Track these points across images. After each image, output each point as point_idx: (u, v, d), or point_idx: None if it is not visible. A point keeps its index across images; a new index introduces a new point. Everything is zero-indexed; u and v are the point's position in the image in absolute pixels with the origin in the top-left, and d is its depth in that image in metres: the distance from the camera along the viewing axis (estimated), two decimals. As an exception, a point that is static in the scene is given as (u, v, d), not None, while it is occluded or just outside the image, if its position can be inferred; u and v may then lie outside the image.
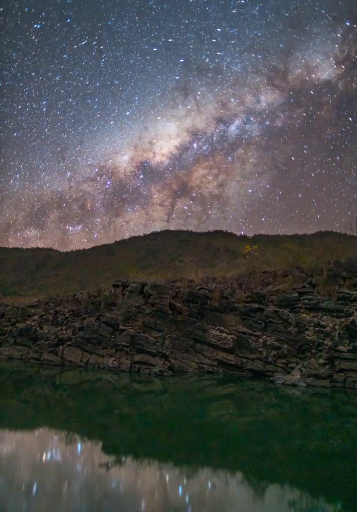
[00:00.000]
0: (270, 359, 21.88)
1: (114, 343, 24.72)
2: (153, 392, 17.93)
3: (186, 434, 10.83)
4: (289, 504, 6.53)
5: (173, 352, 23.48)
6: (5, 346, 28.83)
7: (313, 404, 15.71)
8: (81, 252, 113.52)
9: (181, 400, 16.39)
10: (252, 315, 24.21)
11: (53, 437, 10.69)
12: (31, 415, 13.47)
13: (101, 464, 8.25)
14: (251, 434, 11.00)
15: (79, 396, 17.03)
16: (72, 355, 24.91)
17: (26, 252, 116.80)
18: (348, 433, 11.39)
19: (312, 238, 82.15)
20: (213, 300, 25.78)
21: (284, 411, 14.40)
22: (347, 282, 24.64)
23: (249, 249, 33.05)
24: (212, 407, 14.96)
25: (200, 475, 7.94)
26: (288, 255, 32.75)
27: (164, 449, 9.64)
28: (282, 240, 74.11)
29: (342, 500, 6.64)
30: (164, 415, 13.58)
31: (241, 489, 7.25)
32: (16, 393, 17.29)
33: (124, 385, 19.73)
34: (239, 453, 9.29)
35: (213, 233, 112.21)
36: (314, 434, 11.18)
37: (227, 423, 12.55)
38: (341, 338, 19.86)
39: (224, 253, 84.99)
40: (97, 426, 11.74)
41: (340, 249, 29.73)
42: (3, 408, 14.02)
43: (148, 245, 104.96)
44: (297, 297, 24.20)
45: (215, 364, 22.86)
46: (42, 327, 29.04)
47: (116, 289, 29.76)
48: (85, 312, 29.12)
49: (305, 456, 8.91)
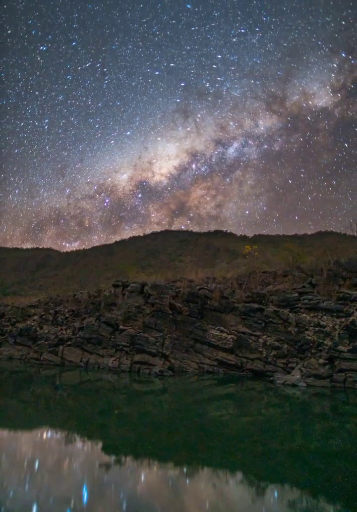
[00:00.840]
0: (270, 359, 21.88)
1: (114, 343, 24.72)
2: (153, 392, 17.93)
3: (186, 434, 10.83)
4: (289, 504, 6.53)
5: (173, 352, 23.48)
6: (5, 346, 28.84)
7: (313, 404, 15.71)
8: (81, 252, 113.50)
9: (180, 400, 16.39)
10: (252, 315, 24.22)
11: (53, 437, 10.68)
12: (31, 415, 13.47)
13: (101, 464, 8.25)
14: (251, 434, 11.00)
15: (79, 396, 17.03)
16: (72, 355, 24.92)
17: (26, 252, 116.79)
18: (348, 433, 11.38)
19: (312, 238, 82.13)
20: (213, 300, 25.78)
21: (284, 411, 14.41)
22: (347, 282, 24.65)
23: (249, 249, 33.07)
24: (212, 407, 14.95)
25: (200, 475, 7.93)
26: (288, 255, 32.83)
27: (164, 449, 9.64)
28: (282, 240, 74.18)
29: (342, 500, 6.64)
30: (164, 415, 13.58)
31: (241, 489, 7.25)
32: (16, 393, 17.28)
33: (124, 385, 19.73)
34: (239, 453, 9.29)
35: (213, 233, 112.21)
36: (314, 434, 11.17)
37: (227, 423, 12.54)
38: (341, 338, 19.86)
39: (224, 253, 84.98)
40: (97, 426, 11.74)
41: (340, 249, 29.74)
42: (3, 408, 14.01)
43: (148, 245, 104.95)
44: (297, 297, 24.20)
45: (215, 364, 22.86)
46: (42, 327, 29.05)
47: (116, 289, 29.77)
48: (85, 312, 29.12)
49: (305, 456, 8.90)
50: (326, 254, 27.99)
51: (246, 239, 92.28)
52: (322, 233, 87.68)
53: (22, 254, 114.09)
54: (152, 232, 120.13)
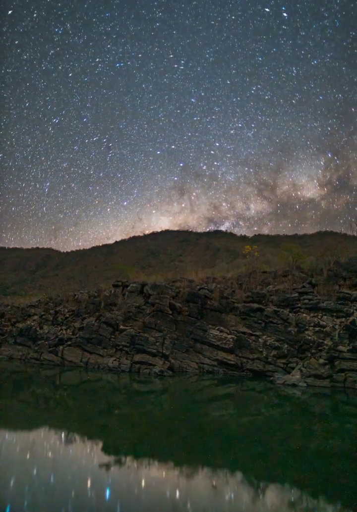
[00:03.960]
0: (270, 359, 21.88)
1: (114, 343, 24.71)
2: (153, 392, 17.93)
3: (186, 434, 10.82)
4: (289, 504, 6.52)
5: (173, 352, 23.47)
6: (5, 346, 28.83)
7: (313, 404, 15.71)
8: (81, 252, 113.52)
9: (180, 400, 16.38)
10: (252, 315, 24.22)
11: (53, 438, 10.68)
12: (31, 415, 13.46)
13: (101, 464, 8.25)
14: (251, 434, 10.99)
15: (79, 396, 17.02)
16: (72, 355, 24.91)
17: (26, 252, 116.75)
18: (348, 433, 11.38)
19: (312, 238, 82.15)
20: (213, 300, 25.78)
21: (284, 411, 14.40)
22: (347, 282, 24.66)
23: (249, 249, 33.05)
24: (212, 407, 14.95)
25: (200, 475, 7.93)
26: (288, 255, 32.82)
27: (164, 449, 9.64)
28: (282, 240, 74.13)
29: (342, 500, 6.64)
30: (164, 415, 13.58)
31: (241, 489, 7.25)
32: (16, 393, 17.28)
33: (124, 385, 19.72)
34: (239, 453, 9.28)
35: (213, 233, 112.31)
36: (314, 434, 11.17)
37: (227, 423, 12.54)
38: (341, 338, 19.86)
39: (224, 253, 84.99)
40: (97, 426, 11.73)
41: (340, 249, 29.74)
42: (3, 408, 14.01)
43: (148, 245, 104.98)
44: (297, 297, 24.21)
45: (215, 364, 22.85)
46: (42, 327, 29.05)
47: (116, 289, 29.77)
48: (85, 312, 29.12)
49: (305, 456, 8.90)
50: (326, 254, 28.01)
51: (246, 239, 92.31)
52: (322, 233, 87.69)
53: (22, 254, 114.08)
54: (152, 232, 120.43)
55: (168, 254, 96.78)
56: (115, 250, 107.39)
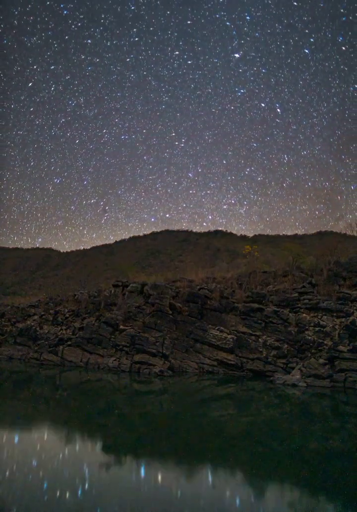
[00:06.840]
0: (270, 359, 21.88)
1: (114, 343, 24.71)
2: (153, 392, 17.92)
3: (186, 434, 10.83)
4: (289, 504, 6.53)
5: (173, 352, 23.48)
6: (5, 346, 28.82)
7: (313, 404, 15.71)
8: (81, 252, 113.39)
9: (180, 400, 16.38)
10: (252, 315, 24.21)
11: (53, 437, 10.68)
12: (31, 415, 13.46)
13: (101, 464, 8.24)
14: (251, 434, 10.99)
15: (79, 396, 17.01)
16: (72, 355, 24.91)
17: (26, 252, 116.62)
18: (348, 433, 11.38)
19: (312, 238, 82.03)
20: (213, 300, 25.77)
21: (284, 411, 14.40)
22: (347, 282, 24.65)
23: (249, 249, 33.04)
24: (212, 407, 14.95)
25: (200, 475, 7.94)
26: (288, 255, 32.77)
27: (164, 449, 9.64)
28: (282, 240, 74.06)
29: (342, 500, 6.64)
30: (164, 415, 13.58)
31: (241, 488, 7.25)
32: (16, 393, 17.27)
33: (124, 385, 19.72)
34: (239, 453, 9.29)
35: (213, 233, 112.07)
36: (314, 434, 11.17)
37: (227, 423, 12.54)
38: (341, 338, 19.87)
39: (224, 253, 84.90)
40: (97, 426, 11.73)
41: (340, 249, 29.71)
42: (3, 408, 14.01)
43: (148, 245, 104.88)
44: (297, 297, 24.21)
45: (215, 364, 22.85)
46: (42, 327, 29.03)
47: (116, 289, 29.76)
48: (85, 312, 29.10)
49: (305, 456, 8.90)
50: (326, 254, 27.98)
51: (246, 239, 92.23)
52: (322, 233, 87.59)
53: (22, 254, 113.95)
54: (152, 232, 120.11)
55: (168, 254, 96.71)
56: (115, 250, 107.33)
